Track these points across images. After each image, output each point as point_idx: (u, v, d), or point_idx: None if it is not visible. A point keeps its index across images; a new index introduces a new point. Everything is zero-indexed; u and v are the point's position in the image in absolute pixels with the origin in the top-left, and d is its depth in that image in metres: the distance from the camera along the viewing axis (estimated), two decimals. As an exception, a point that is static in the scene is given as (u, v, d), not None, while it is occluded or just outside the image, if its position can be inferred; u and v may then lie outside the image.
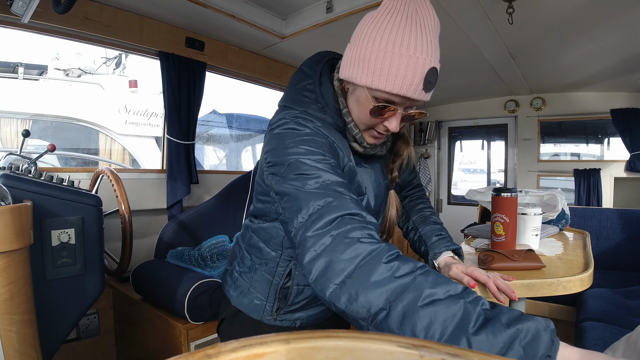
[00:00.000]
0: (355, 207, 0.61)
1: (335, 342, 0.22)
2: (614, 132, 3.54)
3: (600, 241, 2.66)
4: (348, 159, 0.76)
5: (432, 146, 4.52)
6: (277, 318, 0.92)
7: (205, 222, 2.15)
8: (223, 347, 0.21)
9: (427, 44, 0.67)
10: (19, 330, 0.95)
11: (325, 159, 0.67)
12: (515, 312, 0.51)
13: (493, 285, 0.79)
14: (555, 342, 0.49)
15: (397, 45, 0.65)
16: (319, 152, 0.68)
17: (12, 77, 4.11)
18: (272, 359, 0.21)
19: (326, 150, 0.70)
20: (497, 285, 0.80)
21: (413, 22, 0.66)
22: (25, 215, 0.98)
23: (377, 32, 0.66)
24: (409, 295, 0.51)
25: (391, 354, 0.21)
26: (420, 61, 0.66)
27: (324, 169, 0.65)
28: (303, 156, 0.66)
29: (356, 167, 0.79)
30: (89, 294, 1.31)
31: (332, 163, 0.68)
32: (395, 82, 0.66)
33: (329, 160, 0.68)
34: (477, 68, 2.93)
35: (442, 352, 0.21)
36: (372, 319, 0.52)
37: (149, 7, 1.92)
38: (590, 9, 1.89)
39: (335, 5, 1.94)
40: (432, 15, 0.69)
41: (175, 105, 2.15)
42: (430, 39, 0.68)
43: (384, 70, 0.66)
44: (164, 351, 1.63)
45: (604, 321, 1.69)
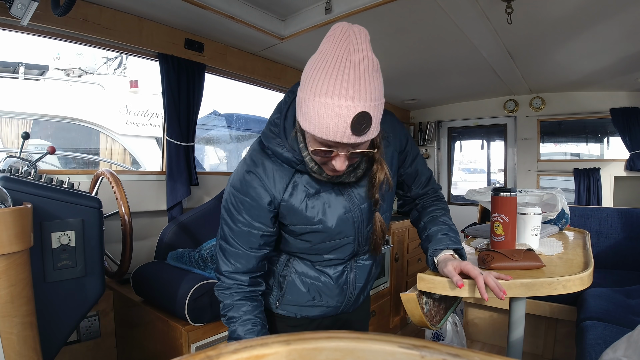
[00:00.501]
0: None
1: (336, 343, 0.22)
2: (614, 132, 3.54)
3: (600, 240, 2.66)
4: (289, 193, 0.87)
5: (431, 146, 4.52)
6: (279, 307, 1.01)
7: (206, 223, 2.15)
8: (224, 348, 0.22)
9: (353, 89, 0.67)
10: (19, 332, 0.95)
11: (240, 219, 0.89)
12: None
13: (481, 281, 0.82)
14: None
15: (322, 94, 0.67)
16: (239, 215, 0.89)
17: (12, 77, 4.10)
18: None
19: (246, 209, 0.87)
20: (487, 283, 0.82)
21: (342, 67, 0.67)
22: (26, 218, 0.98)
23: (309, 79, 0.70)
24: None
25: (392, 355, 0.21)
26: (344, 109, 0.67)
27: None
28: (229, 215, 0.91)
29: (311, 196, 0.88)
30: (89, 296, 1.31)
31: (244, 221, 0.88)
32: (322, 130, 0.70)
33: (242, 219, 0.88)
34: (476, 68, 2.93)
35: (443, 353, 0.21)
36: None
37: (148, 9, 1.92)
38: (589, 8, 1.90)
39: (335, 6, 1.94)
40: (365, 55, 0.68)
41: (175, 107, 2.15)
42: (360, 82, 0.67)
43: (313, 118, 0.70)
44: (165, 353, 1.63)
45: (604, 320, 1.69)
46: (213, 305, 1.58)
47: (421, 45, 2.45)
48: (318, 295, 1.00)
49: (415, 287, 1.01)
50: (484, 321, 2.74)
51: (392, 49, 2.50)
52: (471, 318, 2.79)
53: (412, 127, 4.58)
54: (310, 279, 0.99)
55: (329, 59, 0.68)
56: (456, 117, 4.37)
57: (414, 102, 4.18)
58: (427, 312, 1.03)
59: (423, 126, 4.52)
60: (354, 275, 1.03)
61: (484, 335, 2.75)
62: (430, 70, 3.05)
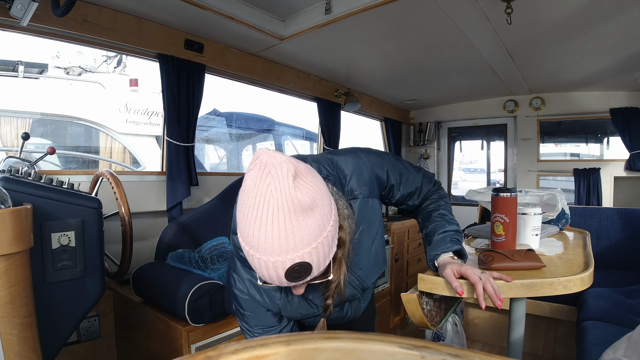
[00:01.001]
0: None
1: (336, 343, 0.22)
2: (614, 132, 3.54)
3: (601, 240, 2.66)
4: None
5: (431, 147, 4.52)
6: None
7: (206, 223, 2.15)
8: (224, 349, 0.21)
9: (279, 242, 0.61)
10: (19, 333, 0.95)
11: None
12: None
13: (480, 289, 0.83)
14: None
15: (250, 245, 0.63)
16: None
17: (12, 75, 4.09)
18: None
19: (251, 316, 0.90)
20: (486, 289, 0.82)
21: (264, 215, 0.60)
22: (25, 218, 0.98)
23: (239, 218, 0.64)
24: None
25: (392, 355, 0.21)
26: (272, 264, 0.62)
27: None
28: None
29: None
30: (89, 297, 1.31)
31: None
32: (264, 277, 0.66)
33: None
34: (476, 68, 2.93)
35: (443, 353, 0.21)
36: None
37: (147, 9, 1.92)
38: (588, 8, 1.90)
39: (334, 6, 1.94)
40: (288, 197, 0.60)
41: (175, 107, 2.15)
42: (287, 231, 0.60)
43: (254, 264, 0.66)
44: (165, 353, 1.63)
45: (604, 320, 1.69)
46: (213, 305, 1.58)
47: (421, 45, 2.45)
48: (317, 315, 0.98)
49: (416, 287, 1.01)
50: (484, 321, 2.74)
51: (392, 49, 2.50)
52: (471, 318, 2.79)
53: (412, 127, 4.58)
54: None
55: (251, 203, 0.61)
56: (456, 117, 4.37)
57: (413, 103, 4.18)
58: (428, 312, 1.03)
59: (423, 126, 4.52)
60: (350, 311, 1.03)
61: (484, 336, 2.75)
62: (430, 71, 3.05)
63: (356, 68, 2.97)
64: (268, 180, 0.60)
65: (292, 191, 0.60)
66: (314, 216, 0.63)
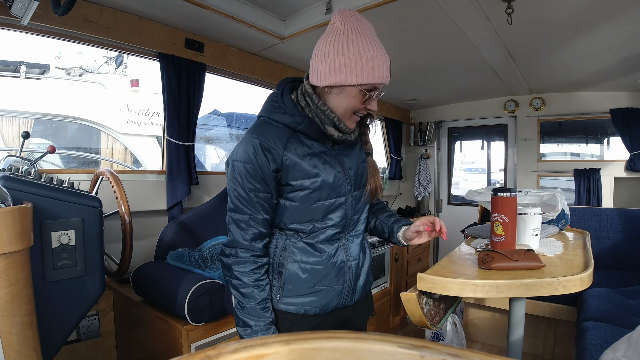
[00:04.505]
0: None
1: (336, 342, 0.22)
2: (614, 132, 3.54)
3: (601, 241, 2.66)
4: (289, 149, 0.98)
5: (431, 146, 4.52)
6: (280, 299, 1.03)
7: (206, 223, 2.15)
8: (223, 348, 0.22)
9: (380, 45, 0.95)
10: (19, 332, 0.95)
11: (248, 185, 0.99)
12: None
13: (439, 221, 1.04)
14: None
15: (369, 50, 0.92)
16: (249, 180, 0.99)
17: (14, 76, 4.11)
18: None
19: (257, 177, 0.98)
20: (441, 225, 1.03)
21: (366, 33, 0.94)
22: (26, 217, 0.98)
23: (348, 45, 0.92)
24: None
25: (392, 355, 0.21)
26: (385, 57, 0.94)
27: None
28: (243, 181, 1.00)
29: (311, 156, 1.01)
30: (89, 296, 1.31)
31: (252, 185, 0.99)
32: (375, 75, 0.93)
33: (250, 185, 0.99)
34: (476, 68, 2.93)
35: (443, 353, 0.21)
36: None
37: (148, 8, 1.92)
38: (589, 9, 1.90)
39: (335, 5, 1.94)
40: (369, 24, 0.97)
41: (175, 107, 2.15)
42: (378, 40, 0.96)
43: (369, 69, 0.92)
44: (165, 352, 1.63)
45: (604, 321, 1.69)
46: (213, 305, 1.58)
47: (421, 45, 2.45)
48: (318, 279, 1.03)
49: (415, 287, 1.01)
50: (484, 321, 2.75)
51: (393, 48, 2.50)
52: (471, 318, 2.79)
53: (412, 127, 4.58)
54: (309, 264, 1.02)
55: (354, 31, 0.93)
56: (456, 117, 4.37)
57: (414, 102, 4.18)
58: (427, 312, 1.03)
59: (423, 126, 4.52)
60: (348, 250, 1.07)
61: (483, 336, 2.75)
62: (430, 70, 3.05)
63: (356, 68, 2.97)
64: (355, 17, 0.95)
65: (368, 22, 0.99)
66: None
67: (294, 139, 1.00)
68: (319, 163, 1.01)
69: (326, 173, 1.00)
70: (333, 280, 1.04)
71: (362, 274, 1.12)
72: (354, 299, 1.11)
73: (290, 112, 1.01)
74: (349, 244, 1.08)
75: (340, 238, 1.06)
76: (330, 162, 1.03)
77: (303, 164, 0.99)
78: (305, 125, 1.00)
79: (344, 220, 1.05)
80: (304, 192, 0.99)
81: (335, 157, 1.05)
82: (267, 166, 0.96)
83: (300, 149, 0.99)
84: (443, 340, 2.33)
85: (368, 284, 1.17)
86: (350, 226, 1.08)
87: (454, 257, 1.26)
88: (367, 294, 1.19)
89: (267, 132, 0.98)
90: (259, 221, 0.99)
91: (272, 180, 0.98)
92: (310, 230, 1.02)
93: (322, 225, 1.02)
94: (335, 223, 1.03)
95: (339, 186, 1.02)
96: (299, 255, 1.03)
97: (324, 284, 1.03)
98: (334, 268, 1.04)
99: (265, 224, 1.00)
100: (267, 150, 0.96)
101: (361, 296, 1.14)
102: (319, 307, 1.04)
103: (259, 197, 0.98)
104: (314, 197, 1.00)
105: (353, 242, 1.09)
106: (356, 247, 1.10)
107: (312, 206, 1.00)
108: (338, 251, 1.05)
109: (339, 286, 1.05)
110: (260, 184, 0.97)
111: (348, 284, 1.07)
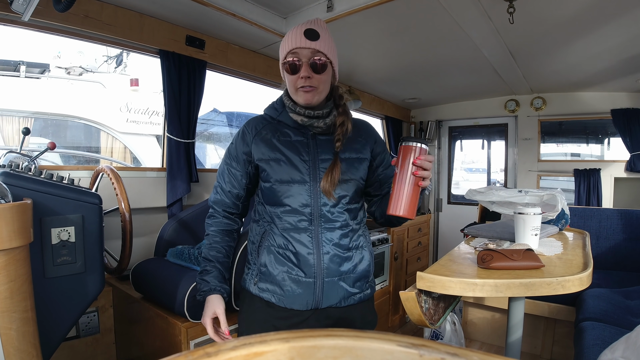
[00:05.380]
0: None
1: (335, 340, 0.22)
2: (614, 132, 3.54)
3: (600, 241, 2.66)
4: (260, 133, 1.11)
5: (432, 145, 4.51)
6: (257, 283, 1.08)
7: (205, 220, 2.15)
8: (222, 345, 0.22)
9: (309, 22, 1.06)
10: (18, 328, 0.95)
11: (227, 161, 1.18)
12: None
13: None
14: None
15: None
16: (228, 157, 1.18)
17: (14, 75, 4.11)
18: (272, 357, 0.21)
19: (232, 156, 1.16)
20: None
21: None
22: (25, 213, 0.98)
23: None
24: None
25: (391, 353, 0.21)
26: (298, 27, 1.04)
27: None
28: (225, 157, 1.20)
29: (281, 141, 1.09)
30: (88, 292, 1.31)
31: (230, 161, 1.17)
32: (286, 45, 1.05)
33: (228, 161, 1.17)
34: (477, 67, 2.93)
35: (442, 352, 0.21)
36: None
37: (149, 5, 1.91)
38: (591, 9, 1.89)
39: (336, 3, 1.94)
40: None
41: (176, 104, 2.14)
42: (314, 22, 1.06)
43: (282, 44, 1.06)
44: (164, 349, 1.63)
45: (603, 321, 1.69)
46: (212, 302, 1.58)
47: (422, 44, 2.44)
48: (291, 265, 1.05)
49: (415, 286, 1.01)
50: (483, 320, 2.75)
51: (393, 47, 2.50)
52: (470, 317, 2.80)
53: (413, 126, 4.57)
54: (282, 249, 1.06)
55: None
56: (457, 116, 4.36)
57: (414, 101, 4.17)
58: (426, 310, 1.03)
59: (424, 125, 4.51)
60: (320, 242, 1.05)
61: (482, 335, 2.76)
62: (431, 70, 3.04)
63: (357, 66, 2.96)
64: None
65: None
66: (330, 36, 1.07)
67: (272, 126, 1.12)
68: (286, 146, 1.08)
69: (289, 154, 1.07)
70: (307, 269, 1.04)
71: (346, 272, 1.07)
72: (339, 298, 1.06)
73: (276, 107, 1.15)
74: (321, 236, 1.05)
75: (311, 229, 1.05)
76: (300, 148, 1.08)
77: (269, 144, 1.09)
78: (284, 115, 1.11)
79: (308, 209, 1.05)
80: (267, 171, 1.08)
81: (310, 146, 1.09)
82: (241, 147, 1.12)
83: (272, 134, 1.10)
84: (442, 339, 2.33)
85: (357, 287, 1.10)
86: (322, 217, 1.06)
87: (454, 256, 1.26)
88: (363, 300, 1.13)
89: (252, 121, 1.15)
90: (225, 191, 1.16)
91: (242, 160, 1.13)
92: (279, 214, 1.07)
93: (284, 209, 1.06)
94: (297, 209, 1.05)
95: (299, 171, 1.06)
96: (274, 241, 1.07)
97: (296, 272, 1.04)
98: (306, 256, 1.04)
99: (230, 196, 1.16)
100: (244, 134, 1.13)
101: (347, 300, 1.08)
102: (296, 301, 1.04)
103: (230, 172, 1.15)
104: (274, 176, 1.07)
105: (326, 235, 1.06)
106: (329, 241, 1.06)
107: (273, 187, 1.07)
108: (312, 240, 1.05)
109: (311, 278, 1.03)
110: (234, 161, 1.14)
111: (321, 275, 1.04)
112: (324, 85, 1.06)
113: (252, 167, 1.13)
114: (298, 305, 1.05)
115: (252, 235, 1.16)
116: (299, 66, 1.03)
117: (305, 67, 1.02)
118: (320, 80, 1.05)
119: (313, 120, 1.07)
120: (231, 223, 1.20)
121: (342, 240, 1.08)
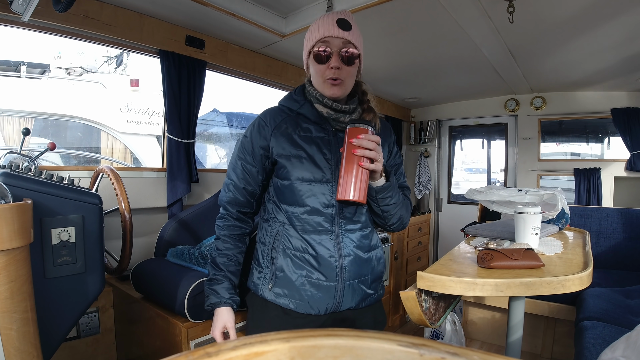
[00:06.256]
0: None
1: (335, 340, 0.22)
2: (614, 132, 3.53)
3: (600, 240, 2.66)
4: (280, 127, 1.05)
5: (432, 145, 4.51)
6: (272, 288, 1.03)
7: (206, 220, 2.15)
8: (223, 345, 0.22)
9: (337, 13, 1.06)
10: (19, 328, 0.95)
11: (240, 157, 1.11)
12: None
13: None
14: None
15: (317, 19, 1.06)
16: (242, 151, 1.11)
17: (14, 75, 4.11)
18: (272, 357, 0.21)
19: (247, 150, 1.09)
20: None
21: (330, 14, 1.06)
22: (26, 214, 0.98)
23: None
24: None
25: (391, 353, 0.21)
26: (330, 16, 1.04)
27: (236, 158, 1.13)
28: (238, 151, 1.13)
29: (302, 137, 1.04)
30: (89, 293, 1.31)
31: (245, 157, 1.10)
32: (316, 33, 1.02)
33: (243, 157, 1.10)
34: (477, 67, 2.92)
35: (442, 351, 0.21)
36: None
37: (149, 5, 1.91)
38: (591, 8, 1.89)
39: (336, 3, 1.94)
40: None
41: (176, 104, 2.14)
42: (341, 13, 1.06)
43: (311, 33, 1.04)
44: (164, 349, 1.63)
45: (603, 320, 1.69)
46: (212, 302, 1.58)
47: (422, 43, 2.44)
48: (310, 268, 1.00)
49: (415, 285, 1.01)
50: (483, 320, 2.75)
51: (393, 47, 2.50)
52: (470, 317, 2.80)
53: (413, 125, 4.57)
54: (300, 252, 1.01)
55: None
56: (457, 115, 4.36)
57: (414, 101, 4.17)
58: (427, 310, 1.03)
59: (424, 125, 4.51)
60: (341, 244, 1.02)
61: (483, 334, 2.76)
62: (431, 69, 3.04)
63: (357, 66, 2.96)
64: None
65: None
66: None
67: (292, 120, 1.06)
68: (307, 142, 1.03)
69: (311, 151, 1.02)
70: (326, 273, 1.00)
71: (365, 274, 1.06)
72: (355, 301, 1.05)
73: (296, 98, 1.09)
74: (343, 238, 1.02)
75: (332, 231, 1.01)
76: (321, 145, 1.03)
77: (290, 139, 1.03)
78: (306, 108, 1.06)
79: (330, 210, 1.01)
80: (286, 168, 1.02)
81: (331, 143, 1.04)
82: (257, 141, 1.05)
83: (292, 128, 1.05)
84: (442, 339, 2.33)
85: (373, 288, 1.10)
86: (343, 219, 1.02)
87: (454, 255, 1.26)
88: (374, 302, 1.12)
89: (269, 113, 1.09)
90: (239, 188, 1.09)
91: (258, 155, 1.06)
92: (298, 215, 1.01)
93: (304, 210, 1.01)
94: (318, 209, 1.00)
95: (321, 169, 1.01)
96: (291, 244, 1.02)
97: (315, 276, 1.00)
98: (325, 260, 1.00)
99: (245, 193, 1.10)
100: (261, 127, 1.06)
101: (364, 301, 1.08)
102: (314, 306, 1.00)
103: (245, 168, 1.08)
104: (294, 173, 1.01)
105: (347, 236, 1.03)
106: (350, 242, 1.03)
107: (294, 185, 1.01)
108: (330, 242, 1.01)
109: (332, 282, 1.00)
110: (249, 155, 1.07)
111: (342, 280, 1.01)
112: (351, 79, 1.03)
113: (269, 162, 1.06)
114: (317, 309, 1.01)
115: (263, 236, 1.09)
116: (329, 55, 0.98)
117: (335, 58, 0.98)
118: (349, 73, 1.01)
119: (339, 114, 1.03)
120: (243, 226, 1.13)
121: (363, 242, 1.06)
